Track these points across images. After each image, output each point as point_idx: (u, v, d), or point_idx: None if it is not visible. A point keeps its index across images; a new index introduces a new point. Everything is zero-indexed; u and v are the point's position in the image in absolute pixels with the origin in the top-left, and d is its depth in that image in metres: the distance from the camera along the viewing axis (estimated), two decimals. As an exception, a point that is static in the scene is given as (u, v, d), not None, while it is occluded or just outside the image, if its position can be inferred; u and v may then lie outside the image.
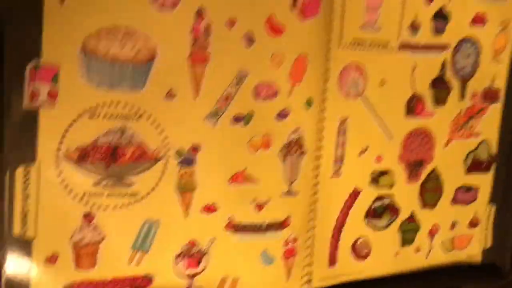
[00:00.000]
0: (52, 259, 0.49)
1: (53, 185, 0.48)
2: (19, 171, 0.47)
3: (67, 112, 0.48)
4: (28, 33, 0.45)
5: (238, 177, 0.56)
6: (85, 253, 0.50)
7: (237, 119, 0.55)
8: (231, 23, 0.53)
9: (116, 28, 0.48)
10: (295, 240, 0.62)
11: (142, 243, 0.53)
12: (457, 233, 0.74)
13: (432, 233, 0.72)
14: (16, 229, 0.48)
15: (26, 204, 0.48)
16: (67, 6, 0.46)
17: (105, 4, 0.47)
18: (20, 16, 0.45)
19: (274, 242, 0.60)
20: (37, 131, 0.47)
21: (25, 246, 0.48)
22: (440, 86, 0.68)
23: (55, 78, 0.47)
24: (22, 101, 0.46)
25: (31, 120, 0.47)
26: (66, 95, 0.47)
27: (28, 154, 0.47)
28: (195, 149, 0.53)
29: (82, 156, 0.49)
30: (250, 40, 0.54)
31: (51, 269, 0.50)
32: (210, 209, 0.56)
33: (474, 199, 0.74)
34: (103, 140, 0.49)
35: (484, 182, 0.74)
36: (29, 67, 0.46)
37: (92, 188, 0.50)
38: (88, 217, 0.50)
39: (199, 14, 0.51)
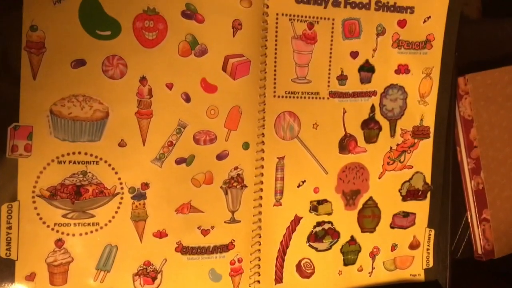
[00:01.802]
0: (31, 277, 0.63)
1: (30, 217, 0.62)
2: (4, 207, 0.61)
3: (39, 161, 0.62)
4: (8, 102, 0.60)
5: (184, 208, 0.68)
6: (58, 273, 0.63)
7: (180, 161, 0.67)
8: (170, 85, 0.66)
9: (76, 96, 0.62)
10: (240, 260, 0.73)
11: (105, 263, 0.65)
12: (399, 254, 0.82)
13: (373, 254, 0.81)
14: (2, 252, 0.62)
15: (10, 232, 0.62)
16: (38, 81, 0.61)
17: (66, 79, 0.62)
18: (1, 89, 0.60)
19: (221, 261, 0.71)
20: (17, 175, 0.61)
21: (9, 265, 0.62)
22: (370, 127, 0.75)
23: (30, 136, 0.61)
24: (5, 153, 0.61)
25: (12, 167, 0.61)
26: (39, 147, 0.62)
27: (10, 194, 0.61)
28: (145, 186, 0.66)
29: (53, 194, 0.63)
30: (187, 98, 0.67)
31: (30, 285, 0.63)
32: (161, 234, 0.68)
33: (413, 224, 0.83)
34: (68, 181, 0.63)
35: (421, 208, 0.82)
36: (9, 128, 0.60)
37: (62, 219, 0.63)
38: (59, 243, 0.63)
39: (142, 80, 0.65)
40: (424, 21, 0.75)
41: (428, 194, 0.81)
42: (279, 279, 0.75)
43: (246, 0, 0.67)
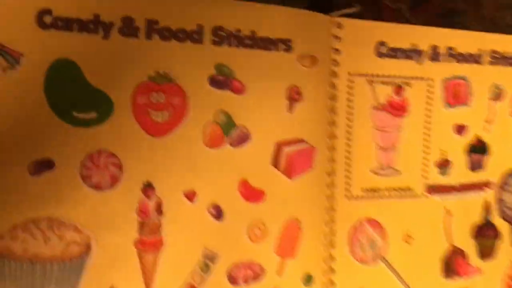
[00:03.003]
0: None
1: None
2: None
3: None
4: None
5: None
6: None
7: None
8: (191, 195, 0.42)
9: (36, 221, 0.38)
10: None
11: None
12: None
13: None
14: None
15: None
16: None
17: (21, 193, 0.37)
18: None
19: None
20: None
21: None
22: (484, 234, 0.55)
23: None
24: None
25: None
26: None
27: None
28: None
29: None
30: (218, 212, 0.43)
31: None
32: None
33: None
34: None
35: None
36: None
37: None
38: None
39: (147, 189, 0.40)
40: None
41: None
42: None
43: (308, 57, 0.44)
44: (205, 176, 0.42)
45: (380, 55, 0.49)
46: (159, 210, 0.41)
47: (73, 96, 0.39)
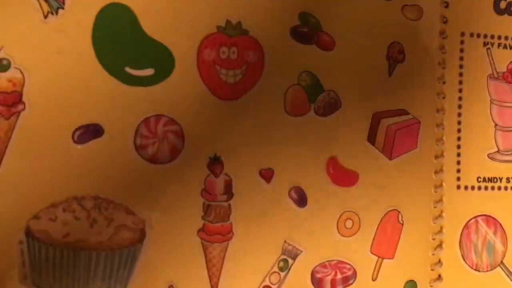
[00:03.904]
0: None
1: None
2: None
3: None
4: None
5: None
6: None
7: (285, 326, 0.34)
8: (268, 174, 0.34)
9: (80, 199, 0.31)
10: None
11: None
12: None
13: None
14: None
15: None
16: (3, 173, 0.30)
17: (62, 164, 0.31)
18: None
19: None
20: None
21: None
22: None
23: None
24: None
25: None
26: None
27: None
28: None
29: None
30: (300, 197, 0.34)
31: None
32: None
33: None
34: None
35: None
36: None
37: None
38: None
39: (214, 165, 0.33)
40: None
41: None
42: None
43: (414, 8, 0.35)
44: (285, 151, 0.34)
45: (500, 11, 0.40)
46: (228, 191, 0.33)
47: (126, 49, 0.32)
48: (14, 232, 0.30)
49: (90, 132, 0.31)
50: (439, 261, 0.38)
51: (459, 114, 0.39)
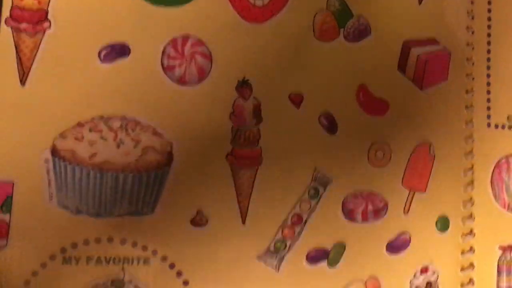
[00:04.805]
0: None
1: None
2: None
3: (26, 258, 0.29)
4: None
5: None
6: None
7: (316, 256, 0.33)
8: (297, 98, 0.33)
9: (107, 119, 0.30)
10: None
11: None
12: None
13: None
14: None
15: None
16: (28, 90, 0.29)
17: (88, 82, 0.30)
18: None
19: None
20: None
21: None
22: None
23: (6, 204, 0.29)
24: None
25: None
26: (26, 229, 0.29)
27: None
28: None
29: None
30: (330, 122, 0.33)
31: None
32: None
33: None
34: None
35: None
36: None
37: None
38: None
39: (243, 88, 0.32)
40: None
41: None
42: None
43: None
44: (314, 77, 0.33)
45: None
46: (257, 115, 0.32)
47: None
48: (39, 151, 0.29)
49: (117, 51, 0.30)
50: (471, 199, 0.37)
51: (488, 51, 0.38)
